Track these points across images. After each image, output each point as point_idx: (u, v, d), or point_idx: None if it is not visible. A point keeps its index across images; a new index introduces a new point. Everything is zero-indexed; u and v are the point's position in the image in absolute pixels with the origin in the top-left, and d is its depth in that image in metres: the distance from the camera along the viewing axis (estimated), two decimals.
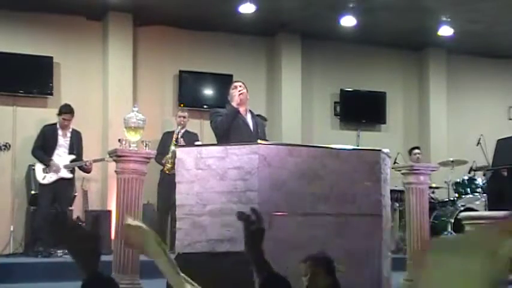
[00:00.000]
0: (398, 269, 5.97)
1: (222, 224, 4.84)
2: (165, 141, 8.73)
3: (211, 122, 6.09)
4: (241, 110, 6.00)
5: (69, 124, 8.09)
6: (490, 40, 10.73)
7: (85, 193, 8.93)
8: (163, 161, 8.47)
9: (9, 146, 7.81)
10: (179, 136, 8.66)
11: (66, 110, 8.08)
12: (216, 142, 5.92)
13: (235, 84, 6.12)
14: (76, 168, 8.09)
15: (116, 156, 5.50)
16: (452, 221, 8.92)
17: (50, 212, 8.00)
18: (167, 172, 8.30)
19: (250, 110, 6.13)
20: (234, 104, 5.93)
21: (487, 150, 8.79)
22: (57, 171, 7.86)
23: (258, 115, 8.87)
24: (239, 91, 5.97)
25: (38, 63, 9.05)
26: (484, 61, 11.59)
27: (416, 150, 9.77)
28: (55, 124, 8.12)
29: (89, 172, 8.23)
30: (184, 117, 8.84)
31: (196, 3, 9.15)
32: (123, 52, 9.47)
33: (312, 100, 10.78)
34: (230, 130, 5.84)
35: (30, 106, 9.05)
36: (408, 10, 9.36)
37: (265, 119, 8.98)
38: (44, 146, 8.02)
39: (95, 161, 8.13)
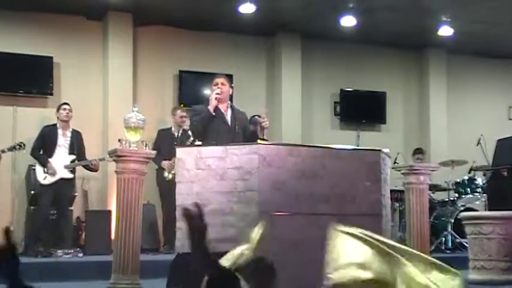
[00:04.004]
0: None
1: (222, 224, 4.84)
2: (163, 140, 8.65)
3: (189, 120, 6.00)
4: (222, 106, 5.84)
5: (70, 118, 8.08)
6: (490, 40, 10.73)
7: (85, 193, 8.93)
8: (164, 165, 8.35)
9: (24, 145, 7.80)
10: (177, 136, 8.65)
11: (65, 103, 8.14)
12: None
13: (216, 80, 5.88)
14: (76, 168, 8.09)
15: (116, 156, 5.50)
16: (452, 221, 8.92)
17: (50, 212, 8.02)
18: (167, 180, 8.15)
19: (231, 106, 5.98)
20: (210, 107, 5.72)
21: (487, 150, 8.79)
22: (53, 174, 7.84)
23: (255, 115, 8.89)
24: (216, 93, 5.72)
25: (38, 63, 9.05)
26: (484, 61, 11.60)
27: (417, 156, 9.69)
28: (55, 125, 8.11)
29: (96, 170, 8.21)
30: (185, 116, 8.79)
31: (196, 3, 9.15)
32: (123, 52, 9.47)
33: (312, 100, 10.78)
34: (207, 130, 5.75)
35: (30, 106, 9.05)
36: (408, 10, 9.36)
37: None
38: (44, 147, 8.01)
39: (100, 159, 8.12)
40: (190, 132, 8.22)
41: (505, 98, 11.78)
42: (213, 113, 5.73)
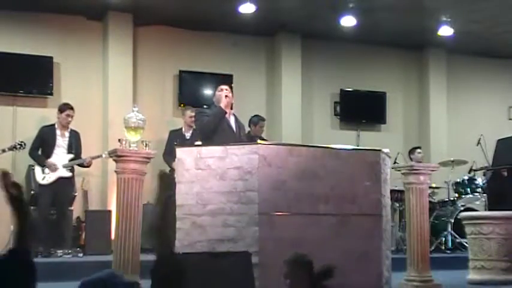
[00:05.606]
0: (399, 269, 5.97)
1: (222, 224, 4.84)
2: (174, 140, 8.61)
3: (196, 121, 6.19)
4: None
5: (71, 121, 8.09)
6: (490, 40, 10.73)
7: (85, 193, 8.93)
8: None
9: (24, 144, 7.82)
10: (187, 137, 8.62)
11: (70, 107, 8.12)
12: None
13: (222, 87, 6.28)
14: (76, 168, 8.10)
15: (116, 156, 5.49)
16: (452, 221, 8.92)
17: (49, 212, 8.02)
18: None
19: (233, 114, 6.25)
20: (221, 105, 6.02)
21: (487, 150, 8.79)
22: (54, 169, 7.85)
23: (256, 116, 8.93)
24: (225, 94, 6.07)
25: (38, 63, 9.05)
26: (484, 61, 11.59)
27: (419, 150, 9.75)
28: (53, 125, 8.12)
29: (88, 166, 8.22)
30: (195, 116, 8.75)
31: (196, 3, 9.15)
32: (123, 52, 9.46)
33: (312, 100, 10.78)
34: (215, 132, 5.92)
35: (30, 106, 9.05)
36: (408, 10, 9.37)
37: (263, 119, 8.99)
38: (43, 147, 8.02)
39: (92, 158, 8.13)
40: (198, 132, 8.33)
41: (505, 98, 11.77)
42: (226, 111, 5.94)
